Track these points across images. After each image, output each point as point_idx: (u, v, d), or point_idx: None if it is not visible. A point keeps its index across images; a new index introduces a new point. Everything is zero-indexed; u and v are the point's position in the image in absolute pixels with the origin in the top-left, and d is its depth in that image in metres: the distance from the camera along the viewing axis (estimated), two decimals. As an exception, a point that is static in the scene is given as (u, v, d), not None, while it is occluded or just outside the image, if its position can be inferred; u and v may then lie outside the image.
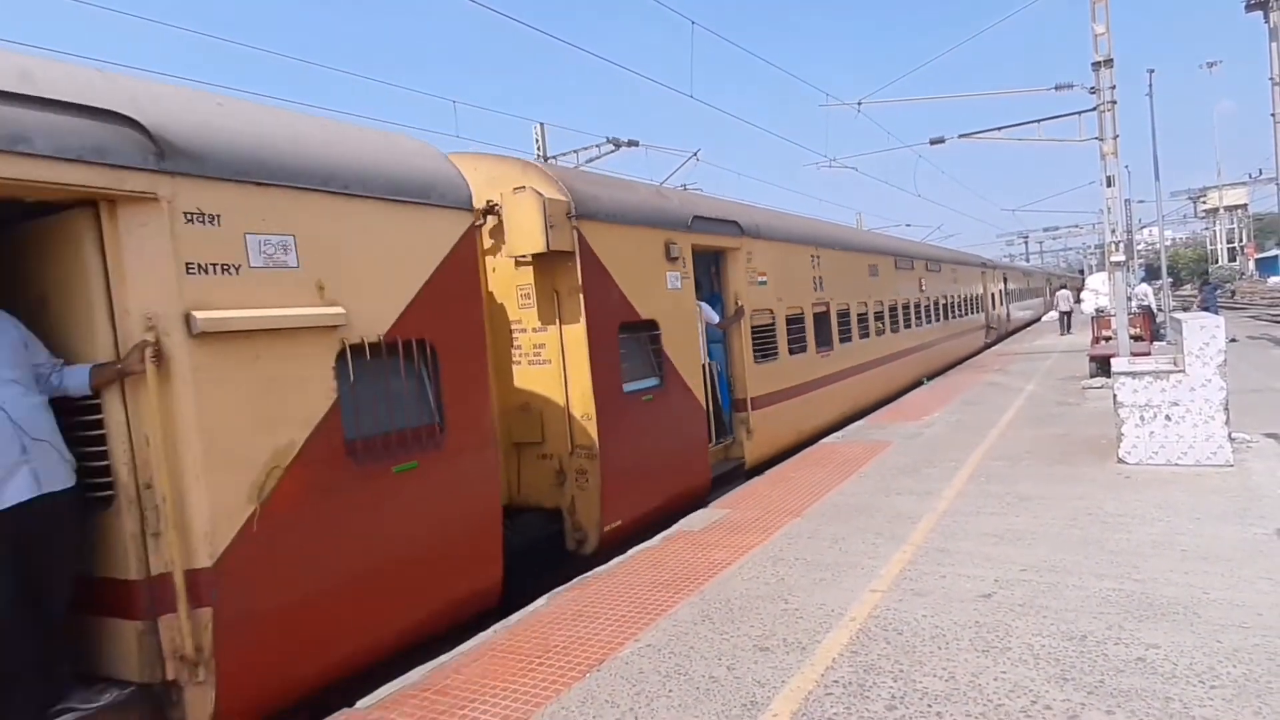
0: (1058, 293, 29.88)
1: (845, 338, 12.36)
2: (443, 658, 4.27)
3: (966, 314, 22.71)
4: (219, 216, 3.67)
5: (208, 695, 3.50)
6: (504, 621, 4.73)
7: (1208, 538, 5.10)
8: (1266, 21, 16.17)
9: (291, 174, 4.00)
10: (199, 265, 3.59)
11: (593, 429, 6.31)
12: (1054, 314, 30.52)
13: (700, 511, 6.98)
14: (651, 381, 7.25)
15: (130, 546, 3.44)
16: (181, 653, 3.44)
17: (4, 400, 3.22)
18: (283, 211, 3.93)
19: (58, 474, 3.41)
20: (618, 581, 5.28)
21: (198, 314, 3.52)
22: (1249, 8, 16.73)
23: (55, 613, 3.46)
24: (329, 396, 4.06)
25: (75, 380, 3.44)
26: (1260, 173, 51.82)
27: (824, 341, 11.44)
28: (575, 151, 19.15)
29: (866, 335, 13.42)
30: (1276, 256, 63.58)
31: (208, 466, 3.53)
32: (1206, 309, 20.00)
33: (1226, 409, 6.89)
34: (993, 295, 27.58)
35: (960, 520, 6.01)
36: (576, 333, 6.29)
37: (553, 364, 6.45)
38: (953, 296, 20.83)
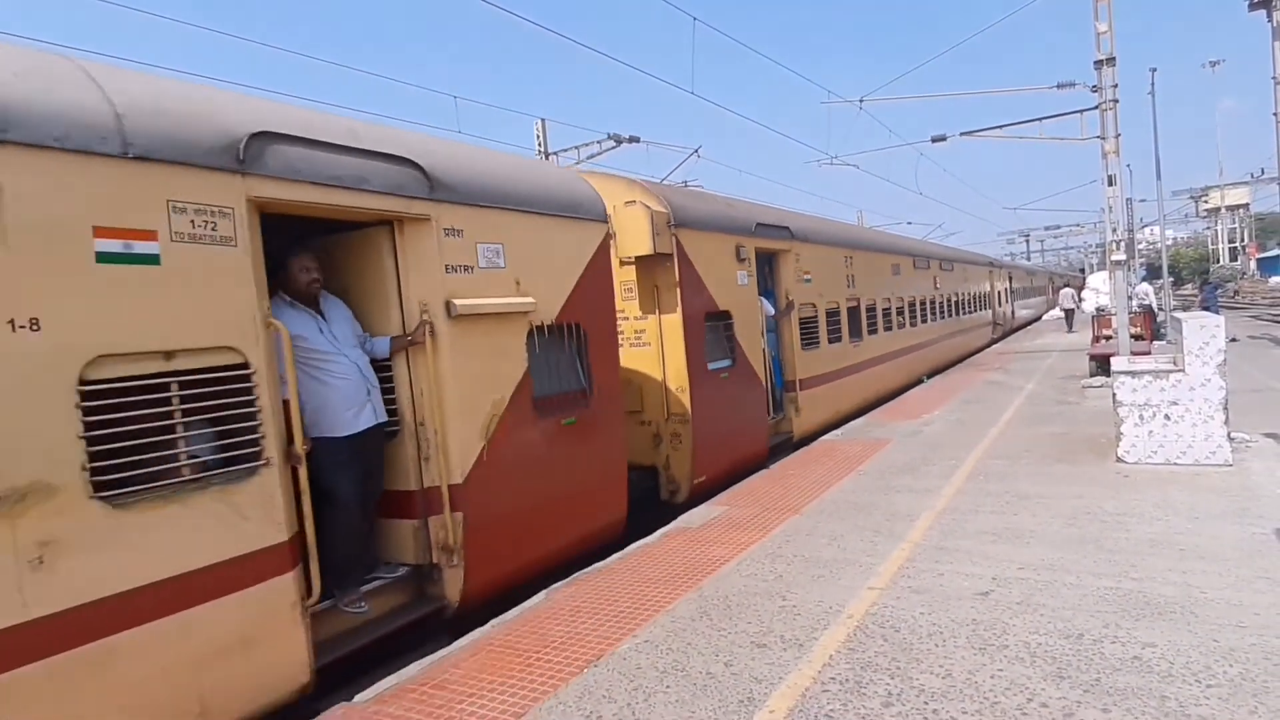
0: (1062, 290, 31.15)
1: (873, 330, 13.65)
2: (440, 653, 4.28)
3: (976, 310, 24.07)
4: (462, 231, 4.99)
5: (459, 575, 4.83)
6: (501, 617, 4.74)
7: (1206, 537, 5.11)
8: (1269, 20, 16.08)
9: (501, 198, 5.35)
10: (452, 266, 4.90)
11: (686, 399, 7.64)
12: (1057, 311, 31.52)
13: (699, 508, 6.98)
14: (726, 362, 8.54)
15: (411, 467, 4.80)
16: (443, 544, 4.77)
17: (356, 358, 4.58)
18: (496, 226, 5.27)
19: (382, 411, 4.69)
20: (616, 577, 5.28)
21: (455, 301, 4.84)
22: (1252, 7, 16.64)
23: (371, 511, 4.75)
24: (523, 364, 5.39)
25: (381, 347, 4.75)
26: (1262, 172, 51.70)
27: (855, 333, 12.74)
28: (576, 147, 19.10)
29: (890, 328, 14.74)
30: (1278, 256, 63.46)
31: (459, 411, 4.85)
32: (1207, 309, 19.98)
33: (1226, 408, 6.89)
34: (999, 293, 28.91)
35: (959, 518, 6.01)
36: (673, 320, 7.64)
37: (651, 346, 7.72)
38: (963, 294, 22.18)
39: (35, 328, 3.02)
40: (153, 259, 3.43)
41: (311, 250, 4.53)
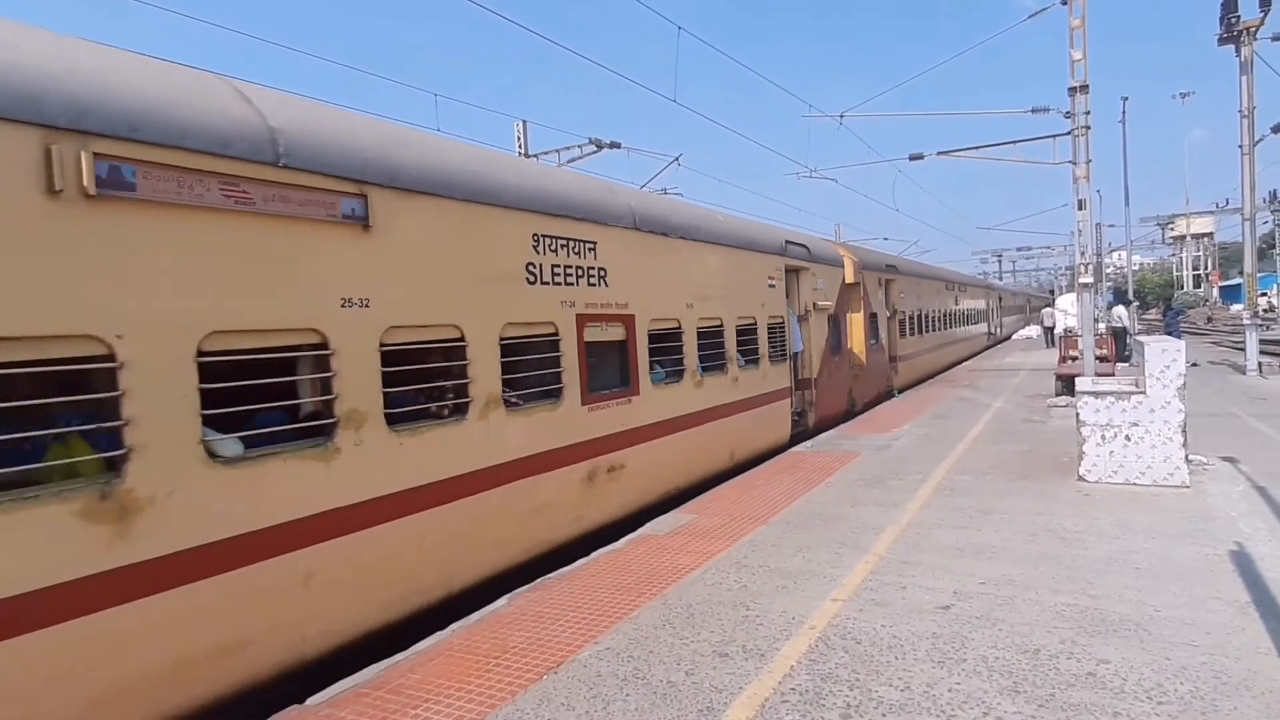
0: (1043, 310, 36.09)
1: (926, 330, 21.26)
2: (397, 656, 4.21)
3: (979, 322, 32.76)
4: (815, 274, 12.56)
5: (814, 415, 12.35)
6: (462, 621, 4.68)
7: (1161, 557, 5.20)
8: (1238, 55, 16.55)
9: (823, 259, 13.12)
10: (812, 289, 12.44)
11: (863, 357, 14.95)
12: (1036, 329, 36.48)
13: (667, 516, 6.97)
14: (874, 341, 15.79)
15: (803, 369, 12.21)
16: (810, 401, 12.32)
17: (797, 323, 11.84)
18: (822, 270, 12.95)
19: (802, 344, 12.04)
20: (579, 584, 5.25)
21: (816, 303, 12.60)
22: (1221, 41, 17.11)
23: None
24: (826, 332, 12.98)
25: (796, 320, 11.81)
26: (1227, 202, 53.05)
27: (920, 331, 20.40)
28: (557, 151, 19.00)
29: (934, 330, 22.51)
30: (1240, 285, 65.09)
31: (814, 348, 12.43)
32: (1169, 334, 20.44)
33: (1185, 431, 7.04)
34: (992, 309, 37.45)
35: (923, 532, 6.06)
36: (858, 317, 14.88)
37: (847, 330, 14.54)
38: (972, 309, 30.60)
39: (761, 306, 10.53)
40: (775, 286, 10.86)
41: None
